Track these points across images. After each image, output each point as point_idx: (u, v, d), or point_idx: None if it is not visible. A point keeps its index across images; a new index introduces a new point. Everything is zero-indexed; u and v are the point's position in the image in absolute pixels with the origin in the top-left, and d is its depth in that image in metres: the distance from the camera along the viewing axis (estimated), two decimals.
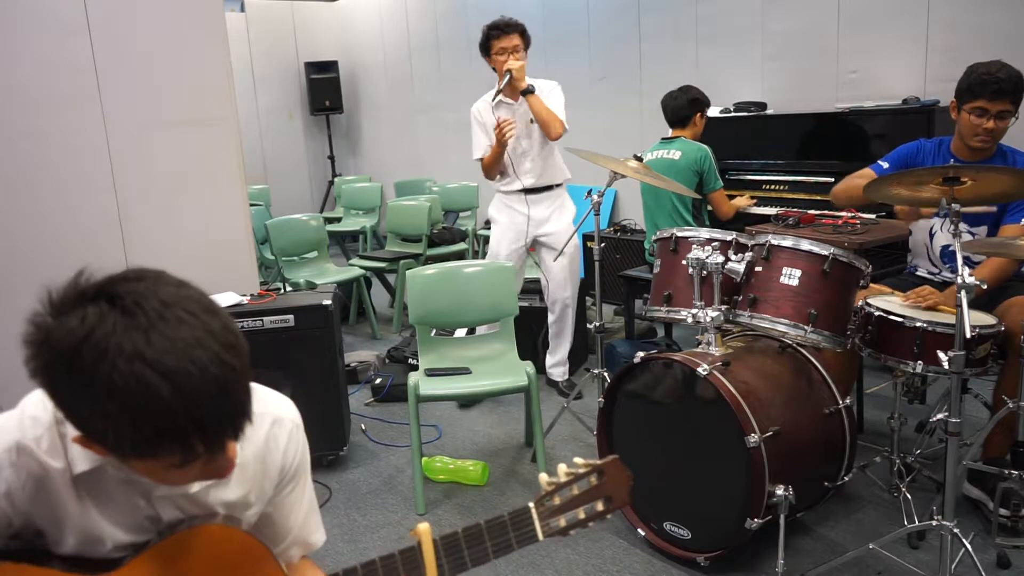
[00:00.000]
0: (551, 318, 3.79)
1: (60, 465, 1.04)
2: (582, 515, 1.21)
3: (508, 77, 3.42)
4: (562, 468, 1.22)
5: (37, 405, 1.07)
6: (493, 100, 3.53)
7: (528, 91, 3.44)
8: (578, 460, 1.24)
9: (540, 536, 1.19)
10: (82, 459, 1.04)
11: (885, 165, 2.78)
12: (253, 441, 1.18)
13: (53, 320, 0.88)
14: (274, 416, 1.21)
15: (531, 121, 3.54)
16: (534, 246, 3.74)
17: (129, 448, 0.90)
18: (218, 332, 0.90)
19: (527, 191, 3.63)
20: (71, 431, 1.01)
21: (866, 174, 2.77)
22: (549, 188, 3.66)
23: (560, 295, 3.71)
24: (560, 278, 3.69)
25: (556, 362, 3.86)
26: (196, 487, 1.12)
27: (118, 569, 1.08)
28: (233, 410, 0.92)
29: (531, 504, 1.20)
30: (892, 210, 3.48)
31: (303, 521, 1.30)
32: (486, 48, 3.53)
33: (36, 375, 0.90)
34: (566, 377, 3.88)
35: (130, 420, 0.86)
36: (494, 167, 3.59)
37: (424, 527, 1.15)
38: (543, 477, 1.23)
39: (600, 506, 1.22)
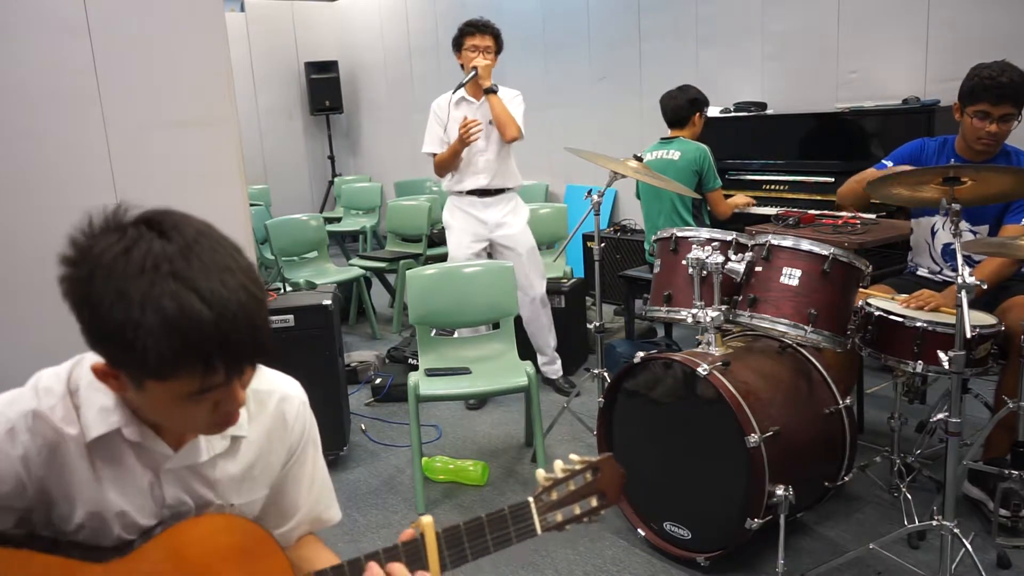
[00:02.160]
0: (524, 320, 3.76)
1: (75, 431, 1.06)
2: (577, 510, 1.25)
3: (473, 73, 3.48)
4: (559, 464, 1.25)
5: (50, 378, 1.09)
6: (454, 96, 3.57)
7: (490, 90, 3.51)
8: (574, 456, 1.26)
9: (538, 530, 1.22)
10: (97, 424, 1.06)
11: (889, 164, 2.78)
12: (261, 418, 1.20)
13: (92, 239, 0.93)
14: (281, 394, 1.23)
15: (490, 122, 3.58)
16: (492, 250, 3.74)
17: (154, 362, 0.91)
18: (244, 265, 0.97)
19: (480, 193, 3.64)
20: (85, 400, 1.06)
21: (870, 174, 2.77)
22: (502, 191, 3.68)
23: (529, 294, 3.70)
24: (527, 279, 3.68)
25: (547, 360, 3.86)
26: (204, 456, 1.13)
27: (124, 556, 1.09)
28: (255, 336, 0.95)
29: (530, 499, 1.23)
30: (892, 210, 3.49)
31: (316, 496, 1.31)
32: (458, 43, 3.60)
33: (71, 290, 0.93)
34: (561, 374, 3.88)
35: (162, 330, 0.89)
36: (449, 164, 3.60)
37: (427, 520, 1.17)
38: (540, 473, 1.25)
39: (594, 502, 1.26)
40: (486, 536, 1.19)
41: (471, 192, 3.65)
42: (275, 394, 1.22)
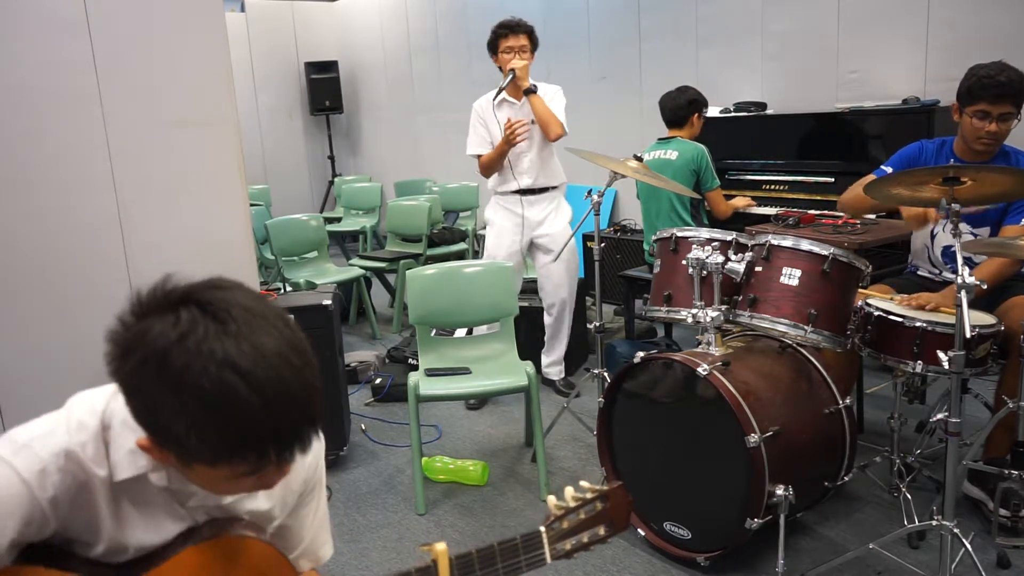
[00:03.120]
0: (548, 319, 3.82)
1: (103, 473, 1.05)
2: (586, 539, 1.25)
3: (511, 76, 3.47)
4: (569, 492, 1.26)
5: (84, 410, 1.06)
6: (496, 99, 3.57)
7: (530, 91, 3.51)
8: (584, 484, 1.28)
9: (548, 560, 1.23)
10: (126, 466, 1.05)
11: (889, 170, 2.78)
12: None
13: (144, 322, 0.90)
14: None
15: (532, 122, 3.57)
16: (530, 247, 3.75)
17: (207, 455, 0.91)
18: (297, 344, 0.94)
19: (523, 192, 3.66)
20: (116, 439, 1.04)
21: (870, 180, 2.77)
22: (545, 190, 3.69)
23: (558, 296, 3.74)
24: (557, 280, 3.71)
25: (552, 361, 3.87)
26: (230, 498, 1.14)
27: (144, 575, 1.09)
28: (309, 421, 0.94)
29: (542, 528, 1.24)
30: (896, 212, 3.48)
31: (315, 534, 1.32)
32: (494, 46, 3.59)
33: (119, 374, 0.91)
34: (562, 376, 3.89)
35: (215, 426, 0.88)
36: (495, 165, 3.62)
37: (441, 547, 1.16)
38: (552, 500, 1.26)
39: (602, 531, 1.26)
40: (497, 564, 1.20)
41: (515, 192, 3.67)
42: None
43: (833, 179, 3.93)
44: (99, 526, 1.07)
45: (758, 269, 2.35)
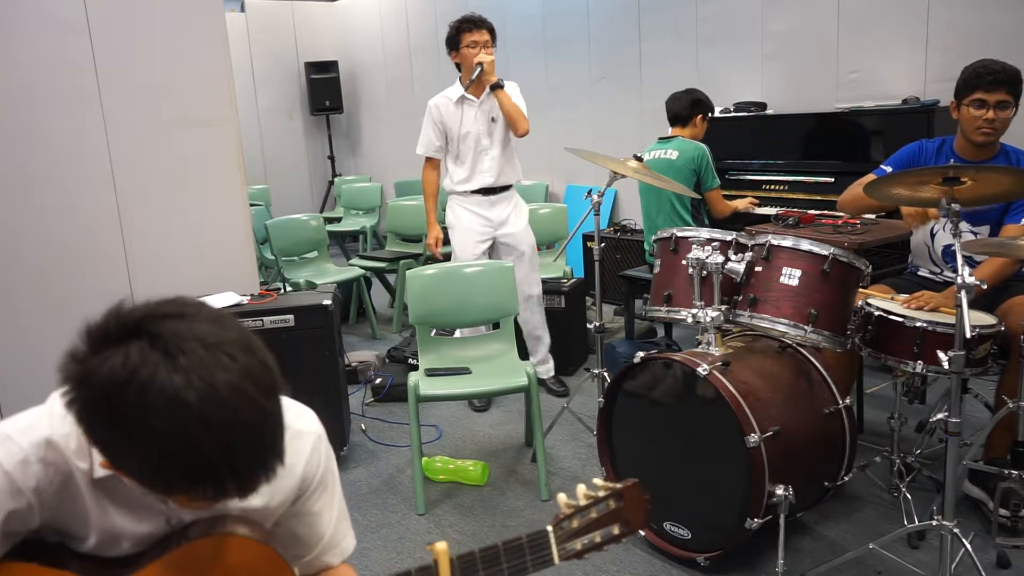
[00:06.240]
0: (521, 319, 3.76)
1: (85, 466, 1.05)
2: (598, 539, 1.20)
3: (479, 70, 3.43)
4: (581, 489, 1.21)
5: None
6: (464, 91, 3.53)
7: (498, 86, 3.48)
8: (597, 481, 1.23)
9: (556, 560, 1.18)
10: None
11: (888, 169, 2.78)
12: None
13: (93, 356, 0.88)
14: (293, 430, 1.20)
15: (492, 120, 3.55)
16: (493, 248, 3.72)
17: (163, 487, 0.92)
18: (257, 375, 0.91)
19: (485, 191, 3.62)
20: None
21: (870, 180, 2.77)
22: (506, 188, 3.67)
23: (526, 292, 3.69)
24: (522, 276, 3.67)
25: (539, 360, 3.82)
26: None
27: (134, 573, 1.08)
28: (267, 455, 0.93)
29: (549, 527, 1.19)
30: (892, 210, 3.48)
31: (334, 527, 1.31)
32: (455, 41, 3.53)
33: (72, 409, 0.90)
34: (552, 374, 3.86)
35: (167, 464, 0.88)
36: (431, 186, 3.71)
37: (442, 546, 1.14)
38: (562, 498, 1.21)
39: (616, 530, 1.21)
40: (501, 565, 1.15)
41: (476, 191, 3.63)
42: (288, 430, 1.20)
43: (833, 179, 3.93)
44: (87, 517, 1.07)
45: (758, 269, 2.35)
